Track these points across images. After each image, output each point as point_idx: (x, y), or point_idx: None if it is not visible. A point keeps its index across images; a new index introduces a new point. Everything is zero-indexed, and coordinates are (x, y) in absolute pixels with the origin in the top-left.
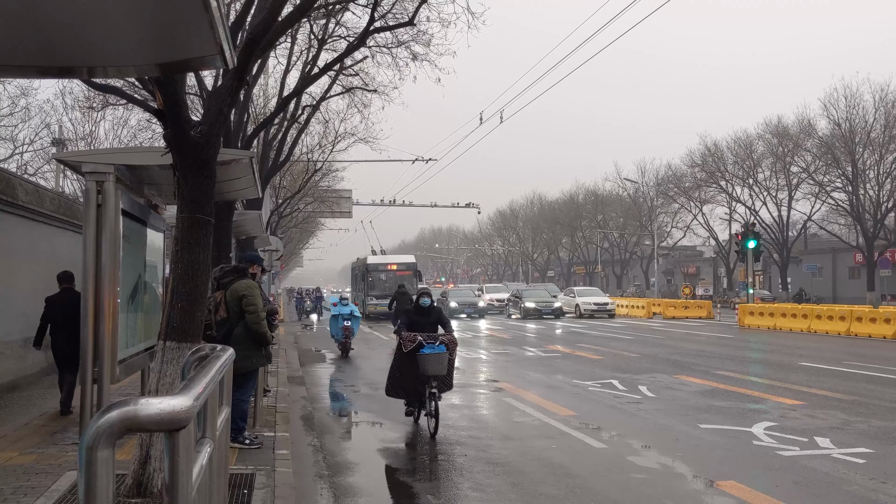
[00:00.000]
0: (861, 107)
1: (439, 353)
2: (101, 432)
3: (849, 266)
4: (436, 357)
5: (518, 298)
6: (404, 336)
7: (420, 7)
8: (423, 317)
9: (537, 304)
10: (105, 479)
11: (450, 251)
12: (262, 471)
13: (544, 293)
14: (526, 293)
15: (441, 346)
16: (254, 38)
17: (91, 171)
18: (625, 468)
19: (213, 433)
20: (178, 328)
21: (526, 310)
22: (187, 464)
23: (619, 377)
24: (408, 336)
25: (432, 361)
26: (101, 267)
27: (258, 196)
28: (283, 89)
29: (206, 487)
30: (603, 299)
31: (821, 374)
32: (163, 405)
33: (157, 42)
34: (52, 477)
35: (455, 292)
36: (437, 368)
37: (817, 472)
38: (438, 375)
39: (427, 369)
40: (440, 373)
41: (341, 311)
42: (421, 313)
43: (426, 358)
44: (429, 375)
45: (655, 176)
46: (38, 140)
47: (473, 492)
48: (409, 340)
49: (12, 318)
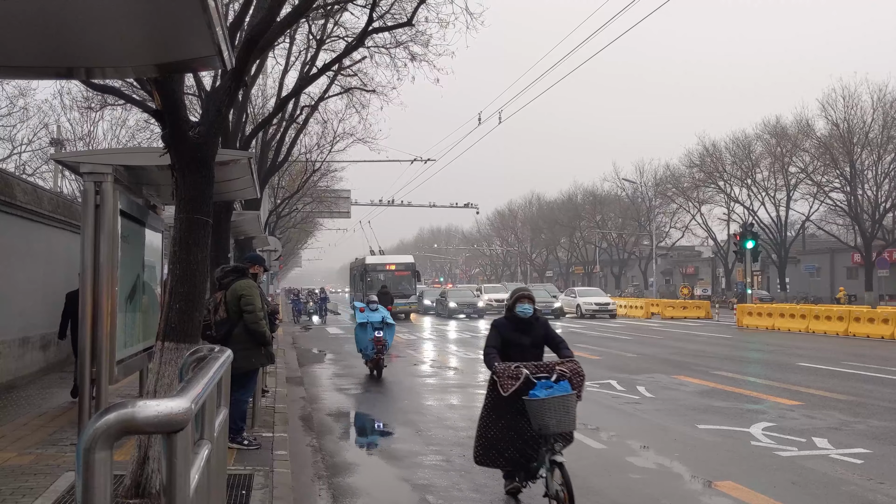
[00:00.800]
0: (859, 107)
1: (563, 397)
2: (99, 434)
3: (847, 266)
4: (558, 403)
5: None
6: (500, 370)
7: (418, 7)
8: (523, 334)
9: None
10: (103, 480)
11: (448, 251)
12: (261, 471)
13: (544, 293)
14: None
15: (563, 384)
16: (252, 39)
17: (89, 172)
18: (623, 468)
19: (210, 434)
20: (176, 329)
21: None
22: (185, 466)
23: (617, 377)
24: (506, 370)
25: (553, 410)
26: (100, 267)
27: (256, 196)
28: (281, 89)
29: (204, 489)
30: (604, 299)
31: (819, 374)
32: (160, 407)
33: (155, 43)
34: (50, 477)
35: (454, 292)
36: (562, 420)
37: (815, 473)
38: (564, 432)
39: (547, 423)
40: (568, 428)
41: (371, 319)
42: (519, 328)
43: (543, 406)
44: (550, 433)
45: (654, 176)
46: (36, 140)
47: (473, 492)
48: (509, 377)
49: (10, 318)
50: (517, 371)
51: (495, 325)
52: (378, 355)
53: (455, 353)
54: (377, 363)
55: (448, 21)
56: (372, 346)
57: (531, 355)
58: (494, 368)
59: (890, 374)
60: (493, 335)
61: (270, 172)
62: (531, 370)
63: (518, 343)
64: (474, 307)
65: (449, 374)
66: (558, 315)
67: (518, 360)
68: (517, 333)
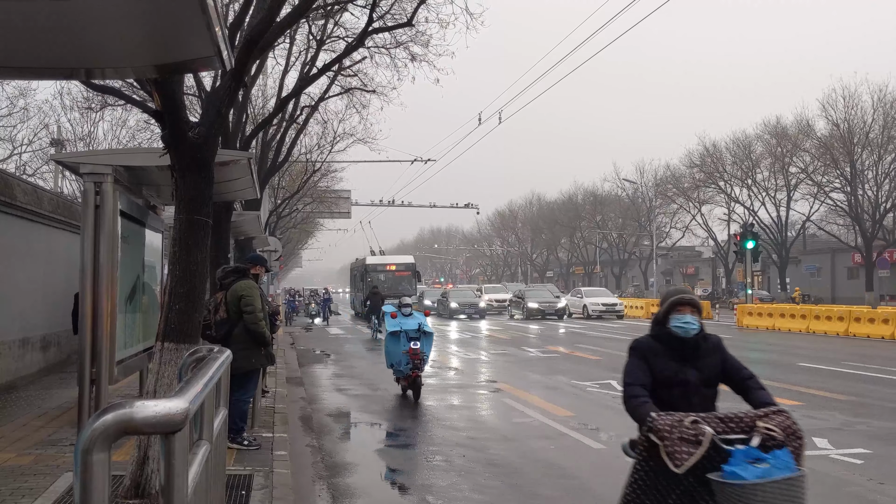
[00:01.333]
0: (859, 107)
1: (789, 481)
2: (97, 435)
3: (847, 266)
4: (780, 490)
5: (521, 299)
6: (665, 425)
7: (419, 8)
8: (685, 363)
9: (540, 304)
10: (101, 481)
11: (449, 251)
12: (261, 472)
13: (547, 293)
14: (529, 293)
15: (780, 456)
16: (252, 39)
17: (89, 173)
18: (623, 469)
19: (209, 435)
20: (175, 329)
21: (529, 310)
22: (183, 466)
23: (617, 378)
24: (675, 426)
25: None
26: (100, 268)
27: (257, 197)
28: (281, 90)
29: (203, 488)
30: (612, 300)
31: (819, 374)
32: (158, 408)
33: (154, 43)
34: (50, 478)
35: (455, 293)
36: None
37: (816, 473)
38: None
39: None
40: None
41: (405, 326)
42: (678, 353)
43: (752, 496)
44: None
45: (654, 176)
46: (36, 141)
47: (473, 493)
48: (683, 439)
49: (10, 319)
50: (696, 429)
51: (638, 349)
52: (415, 371)
53: (455, 354)
54: (414, 381)
55: (448, 21)
56: (407, 360)
57: (702, 399)
58: (651, 421)
59: (890, 374)
60: (635, 365)
61: (271, 173)
62: (716, 426)
63: (679, 379)
64: (476, 307)
65: (449, 375)
66: (561, 315)
67: (683, 406)
68: (676, 363)
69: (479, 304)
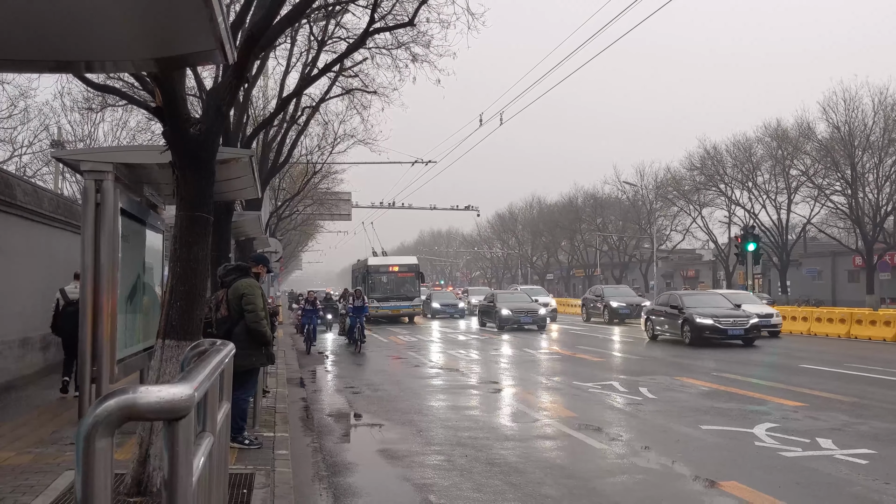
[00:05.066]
0: (860, 110)
1: None
2: (100, 421)
3: (848, 269)
4: None
5: (598, 297)
6: None
7: (420, 7)
8: None
9: (628, 303)
10: (103, 469)
11: (449, 254)
12: (262, 471)
13: (630, 291)
14: (609, 291)
15: None
16: (253, 36)
17: (90, 170)
18: (626, 469)
19: (213, 427)
20: (176, 326)
21: (612, 311)
22: (186, 455)
23: (619, 379)
24: None
25: None
26: (100, 266)
27: (258, 196)
28: (282, 90)
29: (206, 483)
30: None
31: (821, 375)
32: (162, 393)
33: (155, 36)
34: (50, 476)
35: (506, 298)
36: None
37: (820, 473)
38: None
39: None
40: None
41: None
42: None
43: None
44: None
45: (654, 179)
46: (36, 142)
47: (474, 492)
48: None
49: (10, 318)
50: None
51: None
52: None
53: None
54: None
55: (449, 22)
56: None
57: None
58: None
59: (892, 375)
60: None
61: (271, 174)
62: None
63: None
64: (534, 315)
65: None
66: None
67: None
68: None
69: (540, 310)
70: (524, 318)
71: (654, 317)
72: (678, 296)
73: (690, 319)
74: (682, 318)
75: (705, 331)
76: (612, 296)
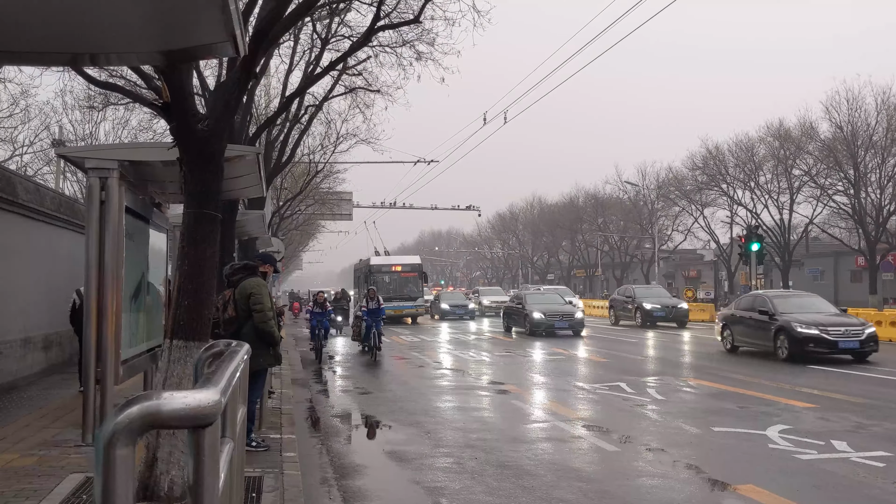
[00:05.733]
0: (863, 109)
1: None
2: (121, 429)
3: (851, 270)
4: None
5: (629, 298)
6: None
7: (426, 4)
8: None
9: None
10: (124, 479)
11: (449, 254)
12: (271, 473)
13: (663, 292)
14: (641, 292)
15: None
16: (262, 30)
17: (94, 168)
18: (640, 472)
19: (233, 432)
20: (185, 326)
21: (645, 314)
22: (213, 465)
23: (626, 380)
24: None
25: None
26: (104, 264)
27: (262, 195)
28: (285, 89)
29: (228, 490)
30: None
31: (830, 376)
32: (188, 399)
33: (163, 28)
34: (54, 479)
35: (536, 298)
36: None
37: (836, 476)
38: None
39: None
40: None
41: None
42: None
43: None
44: None
45: (656, 179)
46: (37, 142)
47: (485, 496)
48: None
49: (11, 318)
50: None
51: None
52: None
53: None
54: None
55: (455, 19)
56: None
57: None
58: None
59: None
60: None
61: (274, 173)
62: None
63: None
64: (571, 318)
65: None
66: (684, 323)
67: None
68: None
69: (576, 314)
70: (558, 322)
71: (733, 325)
72: (768, 298)
73: (788, 328)
74: (776, 327)
75: (809, 343)
76: (644, 297)
